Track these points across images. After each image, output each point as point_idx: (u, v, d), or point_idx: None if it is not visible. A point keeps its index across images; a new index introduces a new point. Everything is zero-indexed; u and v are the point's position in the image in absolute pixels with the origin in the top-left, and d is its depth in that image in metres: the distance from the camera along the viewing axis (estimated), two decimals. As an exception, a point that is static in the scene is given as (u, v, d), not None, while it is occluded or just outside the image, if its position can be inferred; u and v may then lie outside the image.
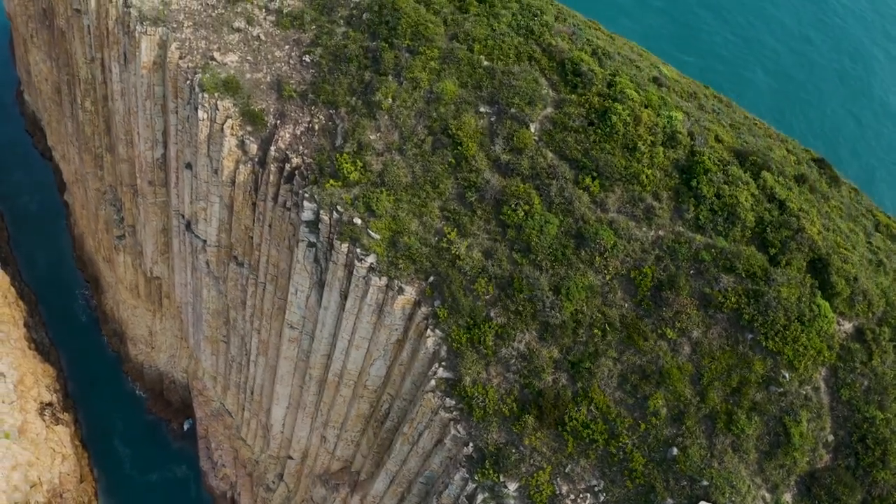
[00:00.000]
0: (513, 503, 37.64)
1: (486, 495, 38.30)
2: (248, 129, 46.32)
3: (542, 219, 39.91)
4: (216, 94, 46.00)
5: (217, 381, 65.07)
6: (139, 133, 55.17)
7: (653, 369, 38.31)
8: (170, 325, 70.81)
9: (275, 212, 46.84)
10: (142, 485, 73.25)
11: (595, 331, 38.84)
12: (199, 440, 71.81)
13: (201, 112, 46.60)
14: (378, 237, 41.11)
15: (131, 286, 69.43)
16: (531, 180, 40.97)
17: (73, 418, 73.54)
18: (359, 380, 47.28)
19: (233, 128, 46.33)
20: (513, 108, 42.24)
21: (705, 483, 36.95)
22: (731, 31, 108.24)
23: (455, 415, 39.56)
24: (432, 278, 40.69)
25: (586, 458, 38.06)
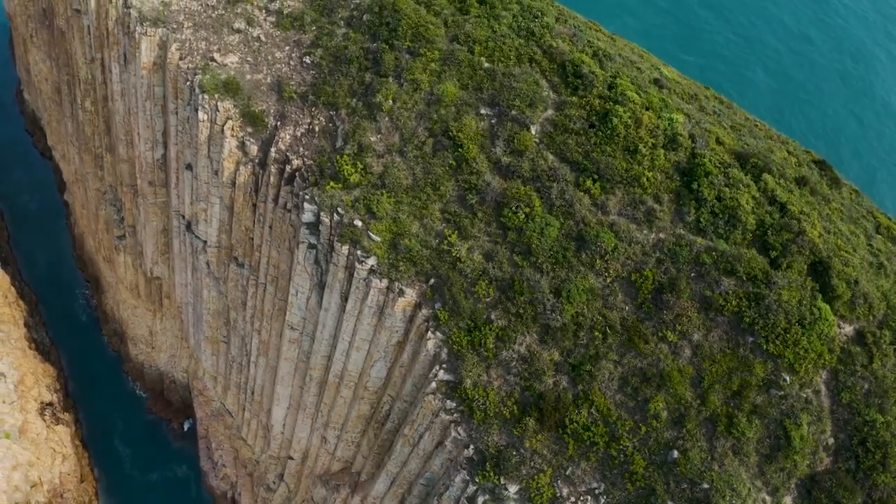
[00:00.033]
0: (513, 506, 37.69)
1: (487, 497, 38.30)
2: (249, 130, 46.25)
3: (542, 221, 39.84)
4: (216, 96, 45.92)
5: (217, 382, 65.06)
6: (139, 133, 55.10)
7: (653, 372, 38.29)
8: (170, 325, 70.78)
9: (275, 213, 46.79)
10: (142, 484, 73.27)
11: (596, 333, 38.80)
12: (199, 440, 71.81)
13: (201, 113, 46.53)
14: (379, 239, 41.05)
15: (131, 286, 69.39)
16: (532, 182, 40.90)
17: (73, 418, 73.53)
18: (359, 381, 47.26)
19: (233, 129, 46.26)
20: (513, 110, 42.15)
21: (706, 486, 36.95)
22: (732, 30, 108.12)
23: (456, 417, 39.56)
24: (433, 280, 40.65)
25: (587, 461, 38.06)
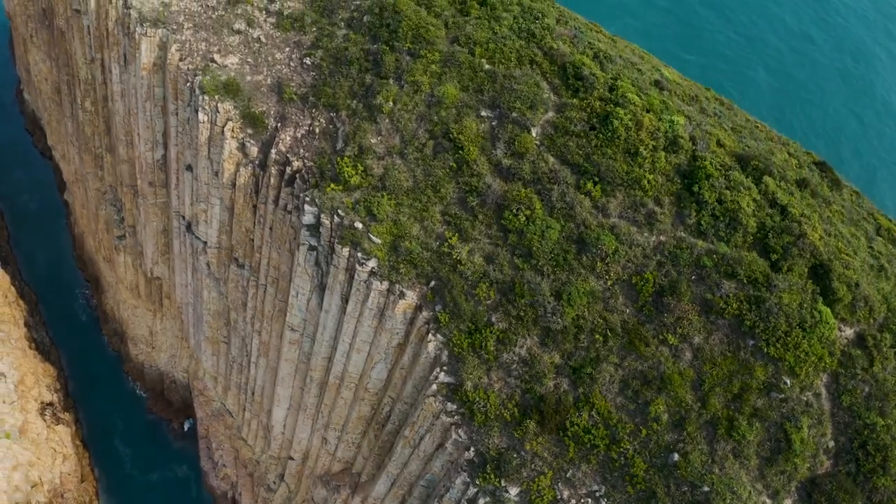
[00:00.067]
0: (514, 508, 37.70)
1: (488, 500, 38.32)
2: (249, 131, 46.18)
3: (543, 224, 39.80)
4: (216, 97, 45.84)
5: (218, 382, 65.06)
6: (139, 134, 55.04)
7: (654, 375, 38.28)
8: (170, 325, 70.76)
9: (276, 215, 46.74)
10: (142, 484, 73.33)
11: (596, 336, 38.79)
12: (199, 440, 71.83)
13: (202, 114, 46.46)
14: (379, 241, 41.01)
15: (132, 286, 69.36)
16: (532, 185, 40.84)
17: (73, 418, 73.55)
18: (360, 383, 47.26)
19: (233, 130, 46.19)
20: (514, 113, 42.07)
21: (706, 489, 36.96)
22: (733, 29, 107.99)
23: (456, 419, 39.56)
24: (433, 283, 40.61)
25: (587, 464, 38.07)
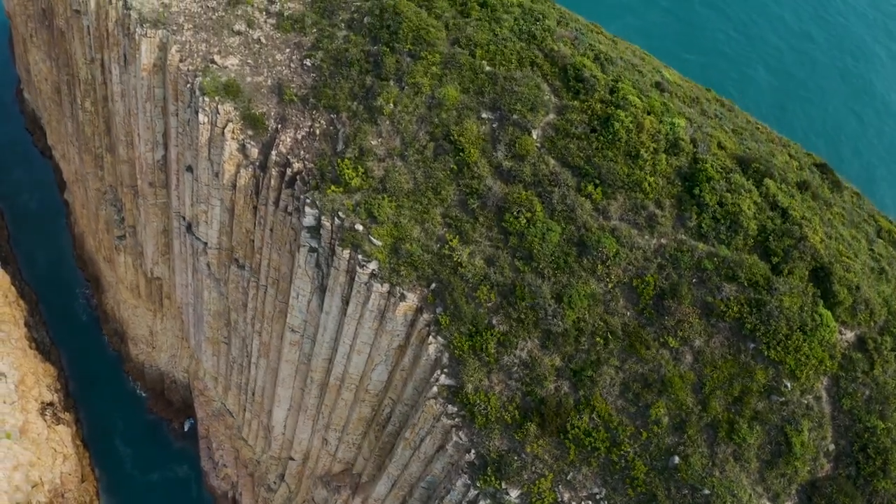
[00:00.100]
0: (514, 511, 37.75)
1: (488, 502, 38.36)
2: (249, 133, 46.13)
3: (544, 226, 39.79)
4: (217, 98, 45.78)
5: (218, 382, 65.08)
6: (139, 135, 54.98)
7: (655, 378, 38.30)
8: (171, 325, 70.77)
9: (276, 216, 46.71)
10: (143, 484, 73.39)
11: (597, 339, 38.80)
12: (200, 440, 71.88)
13: (202, 116, 46.41)
14: (380, 244, 41.00)
15: (132, 286, 69.35)
16: (533, 187, 40.83)
17: (74, 418, 73.58)
18: (360, 384, 47.28)
19: (234, 132, 46.14)
20: (515, 115, 42.02)
21: (707, 492, 37.00)
22: (733, 28, 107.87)
23: (457, 421, 39.59)
24: (434, 285, 40.61)
25: (588, 466, 38.11)
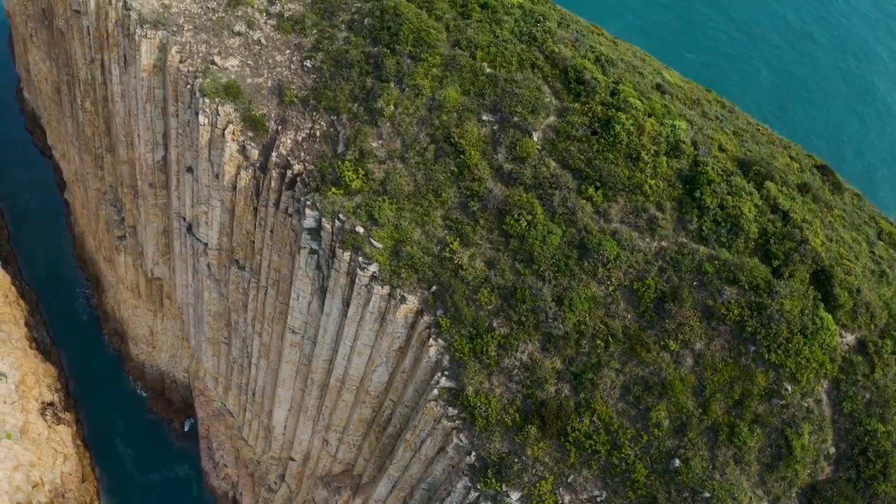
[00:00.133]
0: (515, 513, 37.74)
1: (489, 504, 38.41)
2: (250, 134, 46.05)
3: (544, 229, 39.74)
4: (217, 99, 45.70)
5: (218, 382, 65.07)
6: (139, 135, 54.92)
7: (655, 381, 38.28)
8: (171, 325, 70.74)
9: (276, 218, 46.66)
10: (143, 484, 73.42)
11: (598, 342, 38.77)
12: (200, 440, 71.90)
13: (202, 117, 46.33)
14: (380, 246, 40.96)
15: (132, 286, 69.32)
16: (534, 190, 40.78)
17: (74, 418, 73.59)
18: (361, 385, 47.26)
19: (234, 133, 46.07)
20: (515, 117, 41.95)
21: (707, 495, 37.01)
22: (735, 27, 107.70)
23: (458, 424, 39.58)
24: (435, 288, 40.58)
25: (588, 469, 38.11)
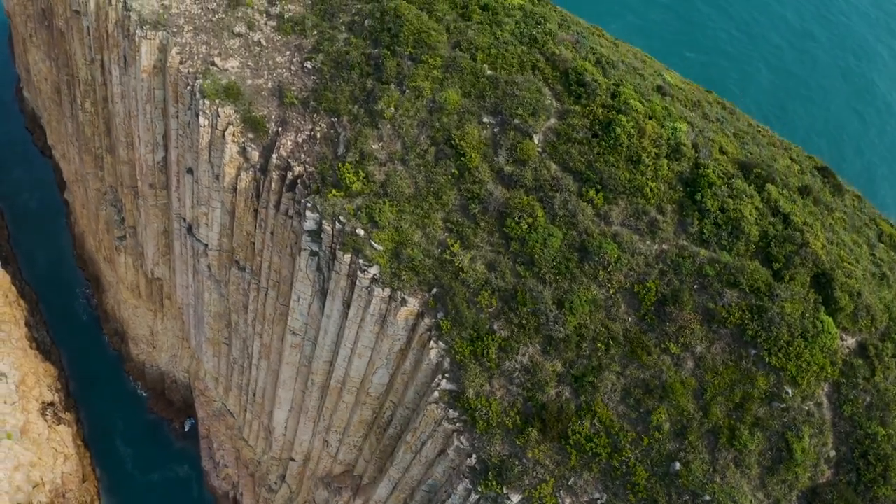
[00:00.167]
0: (515, 516, 37.79)
1: (489, 506, 38.43)
2: (250, 135, 46.00)
3: (545, 231, 39.73)
4: (217, 101, 45.63)
5: (219, 383, 65.10)
6: (140, 136, 54.86)
7: (656, 384, 38.30)
8: (171, 325, 70.74)
9: (277, 219, 46.63)
10: (144, 484, 73.44)
11: (598, 345, 38.78)
12: (200, 440, 71.93)
13: (202, 118, 46.27)
14: (381, 248, 40.94)
15: (132, 286, 69.30)
16: (535, 192, 40.75)
17: (74, 418, 73.58)
18: (361, 387, 47.28)
19: (234, 134, 46.01)
20: (516, 119, 41.91)
21: (707, 498, 37.05)
22: (735, 27, 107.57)
23: (458, 426, 39.59)
24: (435, 290, 40.56)
25: (589, 472, 38.14)
